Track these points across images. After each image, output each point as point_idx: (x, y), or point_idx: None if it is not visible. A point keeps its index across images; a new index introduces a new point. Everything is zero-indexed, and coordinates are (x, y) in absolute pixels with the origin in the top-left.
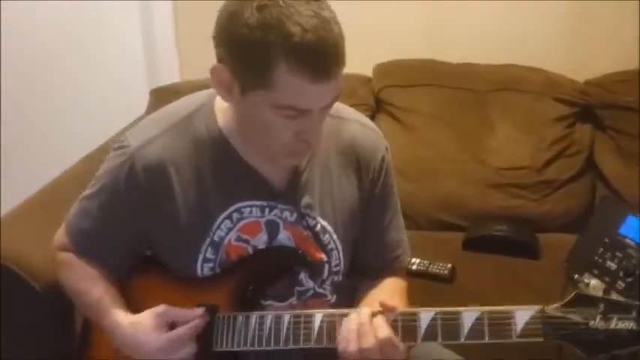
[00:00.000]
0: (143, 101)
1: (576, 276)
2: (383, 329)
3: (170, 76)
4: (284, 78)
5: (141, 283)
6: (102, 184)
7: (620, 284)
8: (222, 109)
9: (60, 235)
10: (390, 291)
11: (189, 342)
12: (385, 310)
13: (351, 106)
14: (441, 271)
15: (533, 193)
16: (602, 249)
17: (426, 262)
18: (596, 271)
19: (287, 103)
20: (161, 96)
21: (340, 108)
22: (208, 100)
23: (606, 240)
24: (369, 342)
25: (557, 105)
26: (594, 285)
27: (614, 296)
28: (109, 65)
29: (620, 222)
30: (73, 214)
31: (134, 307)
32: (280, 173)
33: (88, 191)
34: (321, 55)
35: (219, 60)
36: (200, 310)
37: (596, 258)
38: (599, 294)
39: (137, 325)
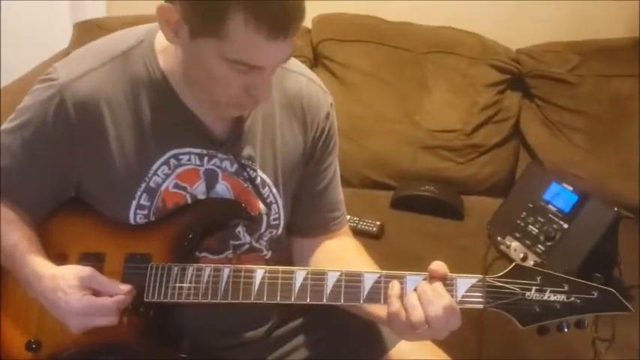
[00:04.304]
0: (66, 35)
1: (499, 238)
2: (446, 296)
3: (94, 11)
4: (239, 31)
5: (64, 225)
6: (26, 119)
7: (540, 248)
8: (163, 49)
9: None
10: (355, 251)
11: (112, 314)
12: (437, 277)
13: None
14: (370, 228)
15: (460, 156)
16: (525, 213)
17: (355, 218)
18: (518, 234)
19: (238, 57)
20: (86, 30)
21: None
22: (147, 38)
23: (530, 205)
24: (435, 310)
25: (490, 71)
26: (515, 247)
27: (533, 259)
28: None
29: (545, 188)
30: None
31: (55, 252)
32: (222, 122)
33: (8, 125)
34: (283, 10)
35: None
36: (128, 287)
37: (518, 222)
38: (520, 256)
39: (58, 279)
